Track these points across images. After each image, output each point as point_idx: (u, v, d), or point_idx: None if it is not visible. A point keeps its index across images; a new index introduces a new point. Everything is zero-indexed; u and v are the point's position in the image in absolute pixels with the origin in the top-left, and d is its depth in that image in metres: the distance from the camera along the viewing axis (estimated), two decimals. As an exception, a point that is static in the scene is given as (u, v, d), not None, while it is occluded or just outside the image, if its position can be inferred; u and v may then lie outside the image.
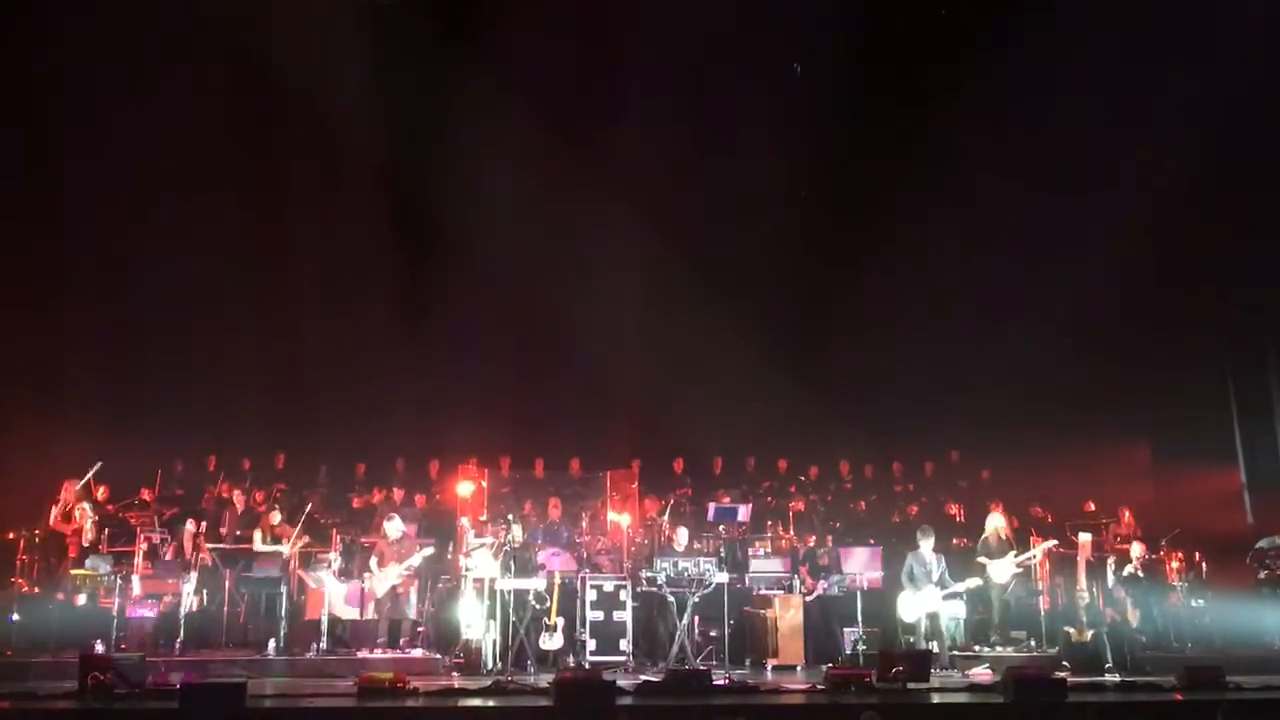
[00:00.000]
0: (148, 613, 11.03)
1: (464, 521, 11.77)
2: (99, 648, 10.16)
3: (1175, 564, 12.63)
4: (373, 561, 11.43)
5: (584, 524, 12.84)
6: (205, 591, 11.45)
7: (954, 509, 14.26)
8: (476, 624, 10.58)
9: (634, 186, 14.51)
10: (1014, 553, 11.77)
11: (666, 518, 12.63)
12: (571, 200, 14.40)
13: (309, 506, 12.50)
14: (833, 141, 14.59)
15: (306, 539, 11.83)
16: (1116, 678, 10.04)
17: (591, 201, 14.29)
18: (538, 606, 10.84)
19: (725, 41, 13.97)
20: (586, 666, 10.66)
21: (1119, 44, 13.08)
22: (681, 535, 11.91)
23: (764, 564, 12.46)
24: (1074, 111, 13.63)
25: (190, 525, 12.00)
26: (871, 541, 12.90)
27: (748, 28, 13.94)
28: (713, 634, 11.40)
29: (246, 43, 13.14)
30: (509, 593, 10.52)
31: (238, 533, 12.43)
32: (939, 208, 14.62)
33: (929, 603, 11.21)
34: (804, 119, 14.04)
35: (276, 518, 12.06)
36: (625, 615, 11.17)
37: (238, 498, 12.97)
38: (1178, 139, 13.15)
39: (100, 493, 12.42)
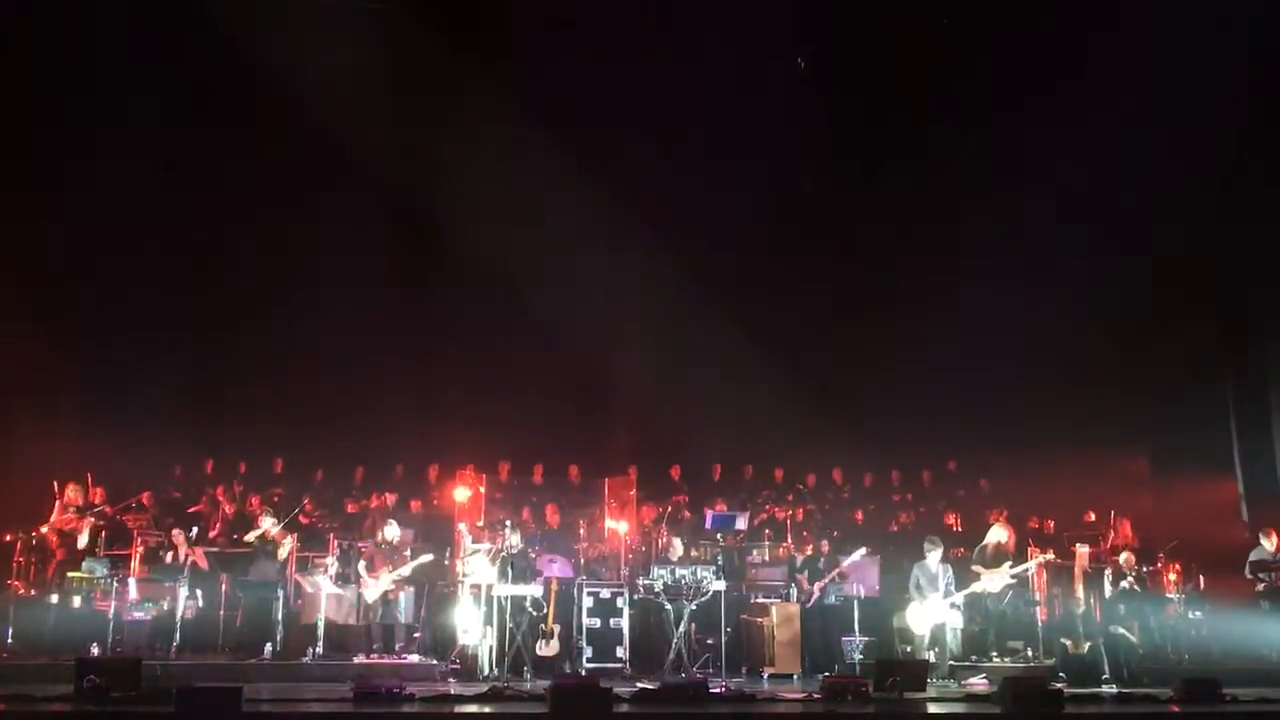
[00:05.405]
0: (144, 616, 11.02)
1: (461, 527, 11.75)
2: (95, 651, 10.15)
3: (1173, 576, 12.62)
4: (362, 566, 11.34)
5: (582, 531, 12.82)
6: (201, 595, 11.43)
7: (952, 519, 14.23)
8: (473, 630, 10.57)
9: (635, 194, 14.52)
10: (1008, 564, 11.74)
11: (664, 525, 12.61)
12: (572, 208, 14.42)
13: (304, 504, 12.51)
14: (833, 148, 14.75)
15: (294, 537, 11.74)
16: (1113, 689, 10.03)
17: (592, 209, 14.29)
18: (535, 613, 10.82)
19: (728, 44, 13.99)
20: (583, 674, 10.64)
21: (1119, 46, 13.12)
22: (676, 545, 11.89)
23: (761, 572, 12.44)
24: (1074, 121, 13.65)
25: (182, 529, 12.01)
26: (868, 550, 12.86)
27: (751, 31, 13.98)
28: (710, 642, 11.38)
29: (246, 47, 13.15)
30: (506, 599, 10.48)
31: (233, 536, 12.42)
32: (938, 220, 14.65)
33: (935, 613, 11.16)
34: (806, 124, 14.09)
35: (269, 522, 11.55)
36: (622, 622, 11.17)
37: (227, 503, 12.94)
38: (1178, 150, 13.17)
39: (98, 495, 12.43)
